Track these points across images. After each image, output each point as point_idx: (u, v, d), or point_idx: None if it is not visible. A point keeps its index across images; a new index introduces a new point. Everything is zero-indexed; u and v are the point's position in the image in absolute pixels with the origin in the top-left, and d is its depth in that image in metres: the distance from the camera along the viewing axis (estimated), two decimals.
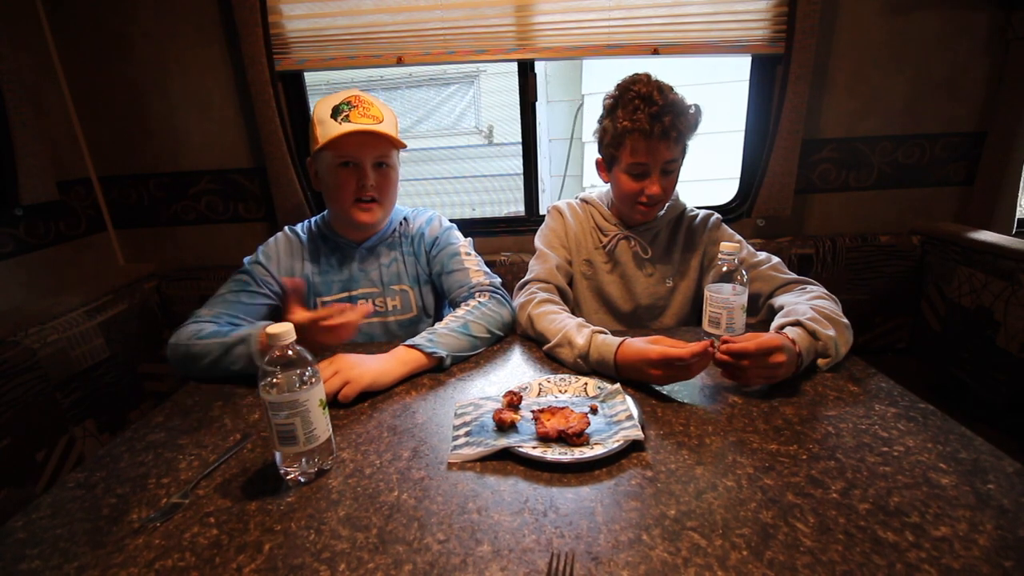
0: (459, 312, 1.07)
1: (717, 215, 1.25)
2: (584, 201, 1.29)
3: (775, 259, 1.16)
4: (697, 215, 1.25)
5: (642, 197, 1.13)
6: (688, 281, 1.23)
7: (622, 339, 0.92)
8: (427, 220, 1.25)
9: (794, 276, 1.12)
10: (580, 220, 1.26)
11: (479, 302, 1.10)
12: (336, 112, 1.07)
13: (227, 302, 1.10)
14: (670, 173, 1.13)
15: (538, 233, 1.29)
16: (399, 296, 1.21)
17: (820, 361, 0.92)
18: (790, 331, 0.90)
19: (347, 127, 1.05)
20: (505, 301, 1.14)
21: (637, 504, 0.62)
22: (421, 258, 1.23)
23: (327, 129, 1.07)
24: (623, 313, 1.25)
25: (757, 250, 1.19)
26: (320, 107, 1.10)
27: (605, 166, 1.20)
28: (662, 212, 1.21)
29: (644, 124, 1.05)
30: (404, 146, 1.13)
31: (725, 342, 0.85)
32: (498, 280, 1.18)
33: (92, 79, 1.53)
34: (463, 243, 1.24)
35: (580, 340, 0.94)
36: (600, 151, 1.19)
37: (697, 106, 1.11)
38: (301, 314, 0.95)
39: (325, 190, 1.15)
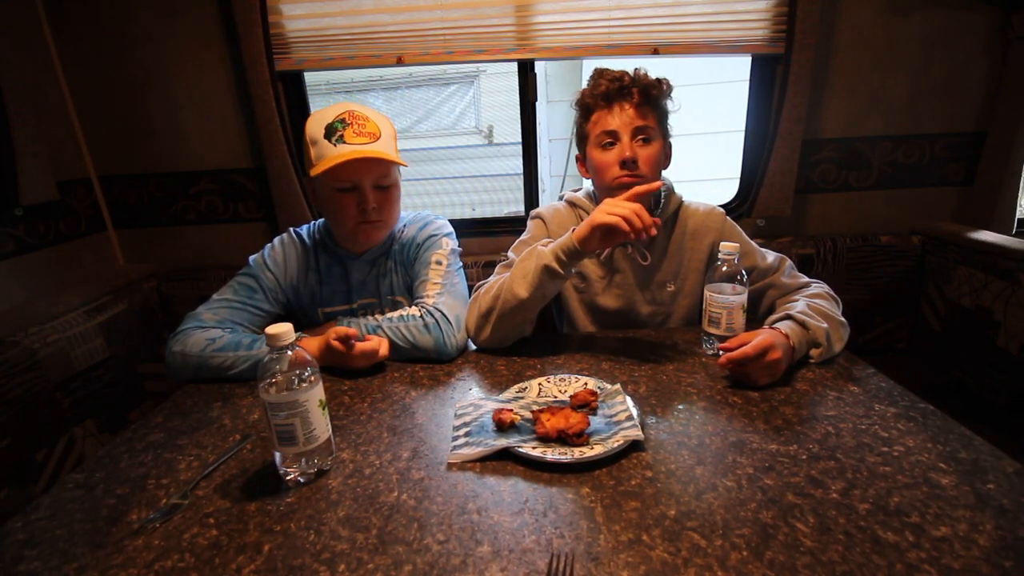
0: (387, 316, 1.05)
1: (720, 209, 1.17)
2: (570, 204, 1.20)
3: (787, 263, 1.12)
4: (698, 209, 1.17)
5: (615, 169, 1.06)
6: (691, 284, 1.16)
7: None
8: (419, 228, 1.18)
9: (803, 280, 1.10)
10: (567, 228, 1.05)
11: (404, 315, 1.04)
12: (330, 132, 1.02)
13: (232, 308, 1.07)
14: (647, 143, 1.07)
15: (516, 243, 1.18)
16: (398, 308, 1.15)
17: (813, 351, 0.94)
18: (780, 325, 0.93)
19: (343, 150, 1.00)
20: (434, 328, 1.02)
21: (637, 504, 0.62)
22: (410, 267, 1.18)
23: (322, 151, 1.02)
24: (622, 324, 1.18)
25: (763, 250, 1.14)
26: (313, 125, 1.04)
27: (582, 156, 1.17)
28: (657, 211, 1.13)
29: (604, 89, 1.08)
30: (405, 165, 1.08)
31: (724, 348, 0.88)
32: (444, 305, 1.06)
33: (92, 79, 1.53)
34: (443, 251, 1.15)
35: (541, 249, 1.00)
36: (576, 144, 1.17)
37: (665, 78, 1.10)
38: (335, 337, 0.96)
39: (325, 211, 1.12)
